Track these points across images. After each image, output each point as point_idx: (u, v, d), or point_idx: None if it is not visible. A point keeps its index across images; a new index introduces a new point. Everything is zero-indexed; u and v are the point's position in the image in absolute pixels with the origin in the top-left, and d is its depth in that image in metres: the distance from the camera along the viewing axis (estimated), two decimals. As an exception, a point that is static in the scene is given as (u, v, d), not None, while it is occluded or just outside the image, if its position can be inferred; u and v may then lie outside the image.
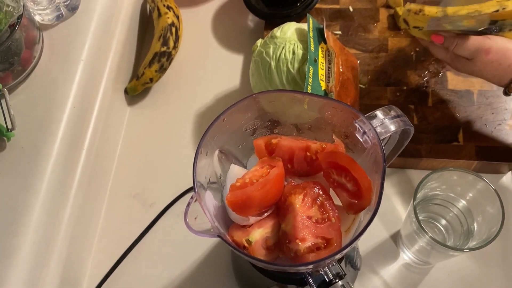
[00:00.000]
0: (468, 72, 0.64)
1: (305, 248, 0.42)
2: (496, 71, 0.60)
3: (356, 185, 0.44)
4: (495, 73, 0.60)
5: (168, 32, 0.83)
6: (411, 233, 0.62)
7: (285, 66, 0.69)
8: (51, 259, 0.63)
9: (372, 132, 0.43)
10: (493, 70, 0.60)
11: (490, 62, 0.59)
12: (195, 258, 0.72)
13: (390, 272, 0.68)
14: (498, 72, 0.60)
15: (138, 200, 0.77)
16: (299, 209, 0.44)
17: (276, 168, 0.45)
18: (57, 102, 0.66)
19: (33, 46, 0.67)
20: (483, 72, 0.61)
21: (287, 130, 0.52)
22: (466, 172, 0.58)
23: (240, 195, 0.44)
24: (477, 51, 0.60)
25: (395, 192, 0.73)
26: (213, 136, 0.46)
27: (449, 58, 0.64)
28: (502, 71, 0.59)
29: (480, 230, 0.59)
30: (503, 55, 0.59)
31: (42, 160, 0.63)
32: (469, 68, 0.63)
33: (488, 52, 0.59)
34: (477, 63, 0.60)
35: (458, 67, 0.64)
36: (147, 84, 0.83)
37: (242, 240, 0.44)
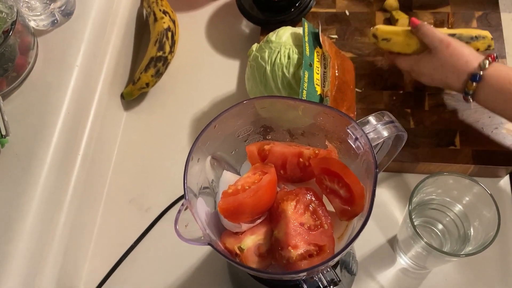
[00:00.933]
0: (430, 71, 0.68)
1: (297, 255, 0.42)
2: (454, 67, 0.64)
3: (349, 191, 0.43)
4: (453, 68, 0.64)
5: (164, 37, 0.83)
6: (407, 238, 0.61)
7: (280, 71, 0.69)
8: (46, 266, 0.63)
9: (364, 138, 0.43)
10: (452, 66, 0.64)
11: (449, 55, 0.64)
12: (191, 263, 0.72)
13: (387, 277, 0.68)
14: (456, 68, 0.64)
15: (134, 205, 0.77)
16: (291, 216, 0.43)
17: (269, 175, 0.45)
18: (51, 108, 0.66)
19: (27, 52, 0.67)
20: (444, 68, 0.65)
21: (280, 136, 0.51)
22: (462, 177, 0.58)
23: (232, 202, 0.43)
24: (440, 42, 0.65)
25: (392, 196, 0.73)
26: (205, 142, 0.45)
27: (414, 59, 0.70)
28: (460, 66, 0.64)
29: (477, 234, 0.59)
30: (460, 51, 0.64)
31: (36, 166, 0.63)
32: (432, 64, 0.67)
33: (449, 45, 0.65)
34: (439, 55, 0.65)
35: (421, 66, 0.69)
36: (144, 89, 0.83)
37: (234, 247, 0.44)
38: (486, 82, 0.62)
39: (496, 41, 0.78)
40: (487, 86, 0.62)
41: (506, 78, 0.61)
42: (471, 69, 0.63)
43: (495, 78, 0.61)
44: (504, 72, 0.61)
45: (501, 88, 0.61)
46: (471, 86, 0.63)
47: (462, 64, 0.63)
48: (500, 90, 0.61)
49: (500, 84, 0.61)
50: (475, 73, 0.62)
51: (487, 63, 0.62)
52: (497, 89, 0.61)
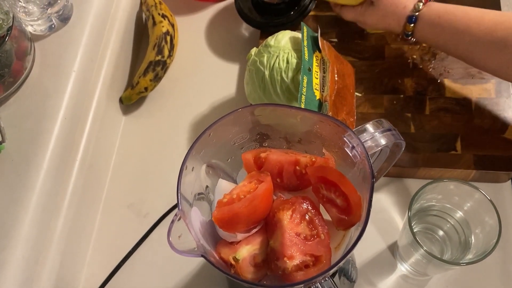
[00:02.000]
0: (374, 21, 0.74)
1: (293, 266, 0.41)
2: (395, 14, 0.70)
3: (346, 201, 0.43)
4: (394, 16, 0.71)
5: (162, 41, 0.83)
6: (407, 245, 0.61)
7: (279, 75, 0.68)
8: (43, 273, 0.63)
9: (361, 147, 0.42)
10: (392, 13, 0.71)
11: (389, 4, 0.71)
12: (190, 269, 0.71)
13: (387, 284, 0.67)
14: (396, 15, 0.70)
15: (132, 210, 0.77)
16: (287, 226, 0.43)
17: (264, 183, 0.44)
18: (48, 113, 0.66)
19: (24, 57, 0.67)
20: (386, 17, 0.72)
21: (277, 143, 0.51)
22: (463, 183, 0.57)
23: (227, 212, 0.43)
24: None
25: (393, 202, 0.72)
26: (200, 151, 0.45)
27: (358, 12, 0.75)
28: (399, 12, 0.70)
29: (478, 242, 0.58)
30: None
31: (32, 172, 0.62)
32: (375, 15, 0.73)
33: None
34: (380, 5, 0.71)
35: (366, 17, 0.75)
36: (142, 93, 0.83)
37: (229, 258, 0.43)
38: (421, 21, 0.69)
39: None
40: (422, 24, 0.69)
41: (436, 14, 0.67)
42: (408, 13, 0.69)
43: (427, 16, 0.68)
44: (435, 9, 0.67)
45: (432, 23, 0.68)
46: (409, 28, 0.70)
47: (401, 9, 0.70)
48: (432, 26, 0.68)
49: (432, 20, 0.67)
50: (411, 15, 0.69)
51: (420, 5, 0.68)
52: (430, 25, 0.68)
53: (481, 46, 0.64)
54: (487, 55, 0.64)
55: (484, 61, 0.66)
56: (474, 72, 0.76)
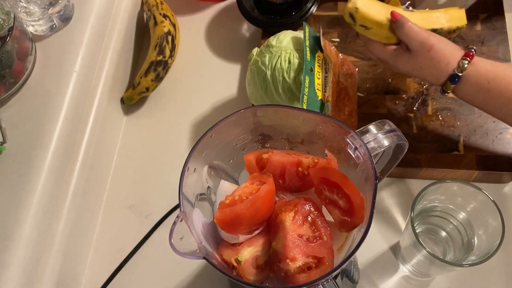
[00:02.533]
0: (408, 69, 0.65)
1: (295, 268, 0.41)
2: (434, 69, 0.62)
3: (348, 202, 0.42)
4: (433, 71, 0.62)
5: (164, 41, 0.83)
6: (409, 246, 0.60)
7: (280, 76, 0.68)
8: (44, 274, 0.62)
9: (363, 148, 0.42)
10: (432, 67, 0.62)
11: (430, 59, 0.61)
12: (191, 270, 0.71)
13: (389, 285, 0.67)
14: (436, 70, 0.62)
15: (133, 211, 0.76)
16: (289, 227, 0.42)
17: (267, 185, 0.44)
18: (49, 114, 0.66)
19: (25, 57, 0.67)
20: (423, 70, 0.63)
21: (279, 144, 0.51)
22: (466, 184, 0.56)
23: (229, 213, 0.43)
24: (422, 45, 0.61)
25: (395, 203, 0.72)
26: (201, 152, 0.45)
27: (390, 55, 0.65)
28: (440, 69, 0.61)
29: (481, 243, 0.58)
30: (441, 54, 0.61)
31: (33, 173, 0.62)
32: (410, 65, 0.64)
33: (431, 48, 0.61)
34: (419, 58, 0.62)
35: (398, 63, 0.65)
36: (144, 94, 0.83)
37: (231, 259, 0.43)
38: (465, 83, 0.61)
39: (500, 44, 0.77)
40: (466, 86, 0.61)
41: (484, 78, 0.60)
42: (450, 71, 0.61)
43: (473, 79, 0.60)
44: (483, 70, 0.60)
45: (480, 88, 0.60)
46: (449, 87, 0.62)
47: (442, 67, 0.61)
48: (479, 90, 0.61)
49: (479, 84, 0.60)
50: (454, 74, 0.61)
51: (465, 63, 0.60)
52: (476, 89, 0.61)
53: None
54: None
55: None
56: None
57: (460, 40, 0.78)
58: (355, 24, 0.65)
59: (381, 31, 0.64)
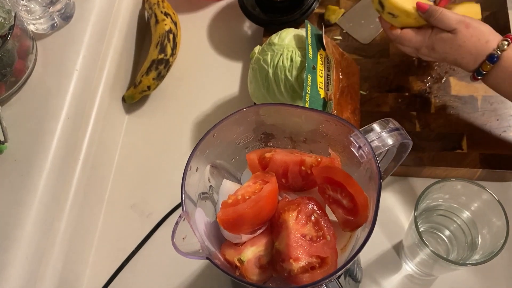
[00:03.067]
0: (445, 49, 0.63)
1: (298, 268, 0.41)
2: (474, 47, 0.61)
3: (352, 202, 0.42)
4: (472, 49, 0.61)
5: (165, 39, 0.82)
6: (413, 245, 0.60)
7: (283, 74, 0.67)
8: (46, 273, 0.62)
9: (367, 147, 0.41)
10: (472, 46, 0.61)
11: (470, 36, 0.60)
12: (193, 269, 0.71)
13: (392, 284, 0.67)
14: (476, 48, 0.61)
15: (135, 210, 0.76)
16: (293, 227, 0.42)
17: (270, 184, 0.44)
18: (50, 113, 0.65)
19: (26, 56, 0.66)
20: (461, 48, 0.62)
21: (282, 143, 0.50)
22: (470, 183, 0.56)
23: (231, 213, 0.42)
24: (459, 23, 0.61)
25: (398, 201, 0.71)
26: (204, 151, 0.44)
27: (426, 37, 0.64)
28: (480, 47, 0.60)
29: (485, 242, 0.57)
30: (480, 31, 0.61)
31: (35, 172, 0.62)
32: (448, 44, 0.62)
33: (468, 25, 0.61)
34: (458, 36, 0.61)
35: (436, 44, 0.64)
36: (145, 92, 0.82)
37: (234, 259, 0.42)
38: (502, 64, 0.59)
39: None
40: (502, 68, 0.60)
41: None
42: (490, 50, 0.60)
43: (509, 62, 0.59)
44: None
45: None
46: (486, 67, 0.61)
47: (482, 44, 0.60)
48: (510, 74, 0.59)
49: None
50: (493, 54, 0.59)
51: (506, 44, 0.59)
52: (509, 72, 0.59)
53: None
54: None
55: None
56: (480, 70, 0.75)
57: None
58: (383, 12, 0.65)
59: (408, 20, 0.64)
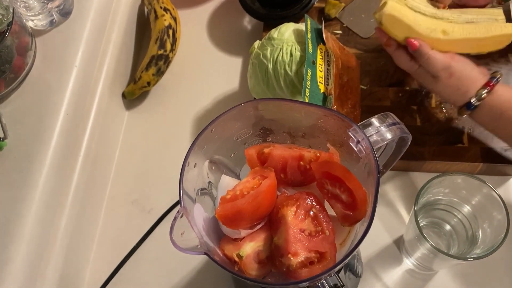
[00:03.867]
0: (428, 87, 0.66)
1: (297, 263, 0.40)
2: (453, 95, 0.62)
3: (351, 196, 0.42)
4: (451, 96, 0.63)
5: (165, 34, 0.82)
6: (413, 239, 0.60)
7: (282, 69, 0.67)
8: (47, 269, 0.62)
9: (366, 142, 0.41)
10: (451, 93, 0.62)
11: (450, 85, 0.62)
12: (194, 264, 0.71)
13: (393, 278, 0.67)
14: (454, 96, 0.62)
15: (136, 206, 0.76)
16: (291, 222, 0.42)
17: (268, 179, 0.44)
18: (50, 109, 0.65)
19: (25, 52, 0.66)
20: (442, 93, 0.64)
21: (281, 138, 0.50)
22: (470, 177, 0.56)
23: (230, 209, 0.42)
24: (443, 71, 0.61)
25: (398, 196, 0.71)
26: (202, 147, 0.44)
27: (414, 70, 0.65)
28: (459, 96, 0.62)
29: (486, 236, 0.57)
30: (462, 82, 0.61)
31: (35, 169, 0.62)
32: (430, 86, 0.65)
33: (451, 76, 0.61)
34: (438, 84, 0.62)
35: (420, 80, 0.66)
36: (145, 88, 0.82)
37: (233, 255, 0.42)
38: (480, 111, 0.62)
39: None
40: (481, 114, 0.62)
41: (499, 108, 0.60)
42: (467, 100, 0.61)
43: (488, 108, 0.61)
44: (500, 99, 0.60)
45: (493, 117, 0.61)
46: (463, 113, 0.63)
47: (461, 94, 0.62)
48: (493, 119, 0.61)
49: (493, 114, 0.61)
50: (469, 103, 0.61)
51: (483, 93, 0.60)
52: (491, 118, 0.61)
53: None
54: None
55: None
56: (481, 64, 0.75)
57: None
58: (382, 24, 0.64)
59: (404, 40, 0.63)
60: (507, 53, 0.75)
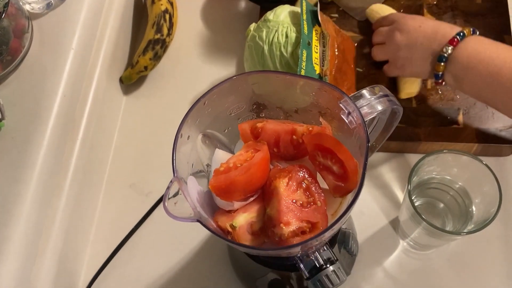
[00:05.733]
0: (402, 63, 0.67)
1: (289, 232, 0.41)
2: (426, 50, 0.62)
3: (342, 168, 0.42)
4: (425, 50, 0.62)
5: (161, 19, 0.82)
6: (408, 219, 0.60)
7: (278, 50, 0.67)
8: (46, 250, 0.63)
9: (357, 113, 0.42)
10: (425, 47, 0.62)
11: (422, 36, 0.63)
12: (192, 246, 0.71)
13: (389, 258, 0.67)
14: (427, 51, 0.62)
15: (134, 190, 0.77)
16: (283, 193, 0.43)
17: (261, 152, 0.44)
18: (47, 91, 0.66)
19: (22, 35, 0.67)
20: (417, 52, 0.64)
21: (274, 114, 0.50)
22: (460, 153, 0.56)
23: (223, 180, 0.43)
24: (411, 20, 0.65)
25: (394, 177, 0.72)
26: (195, 119, 0.45)
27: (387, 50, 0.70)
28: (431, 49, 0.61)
29: (479, 212, 0.58)
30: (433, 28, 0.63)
31: (32, 150, 0.62)
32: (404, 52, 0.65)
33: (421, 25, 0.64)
34: (410, 42, 0.64)
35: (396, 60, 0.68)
36: (142, 73, 0.82)
37: (226, 225, 0.43)
38: (454, 60, 0.59)
39: (501, 17, 0.76)
40: (454, 66, 0.60)
41: (466, 55, 0.58)
42: (439, 48, 0.60)
43: (458, 58, 0.59)
44: (466, 54, 0.58)
45: (463, 66, 0.58)
46: (439, 67, 0.61)
47: (433, 44, 0.61)
48: (464, 68, 0.59)
49: (462, 62, 0.58)
50: (441, 54, 0.60)
51: (449, 49, 0.59)
52: (462, 68, 0.59)
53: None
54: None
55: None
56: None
57: (460, 13, 0.78)
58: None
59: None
60: (503, 35, 0.75)
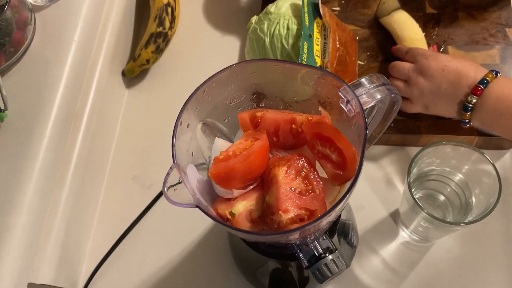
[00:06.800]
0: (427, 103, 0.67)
1: (287, 219, 0.41)
2: (450, 96, 0.63)
3: (341, 156, 0.43)
4: (449, 98, 0.63)
5: (163, 12, 0.83)
6: (408, 210, 0.60)
7: (279, 42, 0.68)
8: (48, 241, 0.64)
9: (355, 101, 0.42)
10: (448, 94, 0.63)
11: (445, 81, 0.63)
12: (193, 238, 0.72)
13: (389, 250, 0.67)
14: (451, 98, 0.63)
15: (136, 182, 0.77)
16: (282, 181, 0.43)
17: (260, 140, 0.44)
18: (49, 83, 0.66)
19: (25, 27, 0.67)
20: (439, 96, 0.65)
21: (274, 104, 0.51)
22: (459, 145, 0.56)
23: (223, 168, 0.43)
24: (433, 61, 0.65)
25: (394, 170, 0.72)
26: (194, 108, 0.45)
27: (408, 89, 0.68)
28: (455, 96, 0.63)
29: (478, 202, 0.58)
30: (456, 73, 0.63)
31: (35, 141, 0.63)
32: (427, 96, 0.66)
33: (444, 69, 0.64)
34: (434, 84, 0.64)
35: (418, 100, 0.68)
36: (144, 66, 0.83)
37: (225, 213, 0.43)
38: (480, 108, 0.61)
39: (503, 10, 0.76)
40: (480, 114, 0.62)
41: (496, 108, 0.59)
42: (462, 95, 0.62)
43: (491, 102, 0.60)
44: (493, 101, 0.59)
45: (490, 110, 0.60)
46: (466, 116, 0.63)
47: (456, 90, 0.62)
48: (491, 112, 0.60)
49: (488, 106, 0.60)
50: (466, 104, 0.61)
51: (474, 98, 0.61)
52: (489, 112, 0.61)
53: None
54: None
55: None
56: (478, 39, 0.75)
57: (462, 6, 0.78)
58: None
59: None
60: (504, 27, 0.75)
